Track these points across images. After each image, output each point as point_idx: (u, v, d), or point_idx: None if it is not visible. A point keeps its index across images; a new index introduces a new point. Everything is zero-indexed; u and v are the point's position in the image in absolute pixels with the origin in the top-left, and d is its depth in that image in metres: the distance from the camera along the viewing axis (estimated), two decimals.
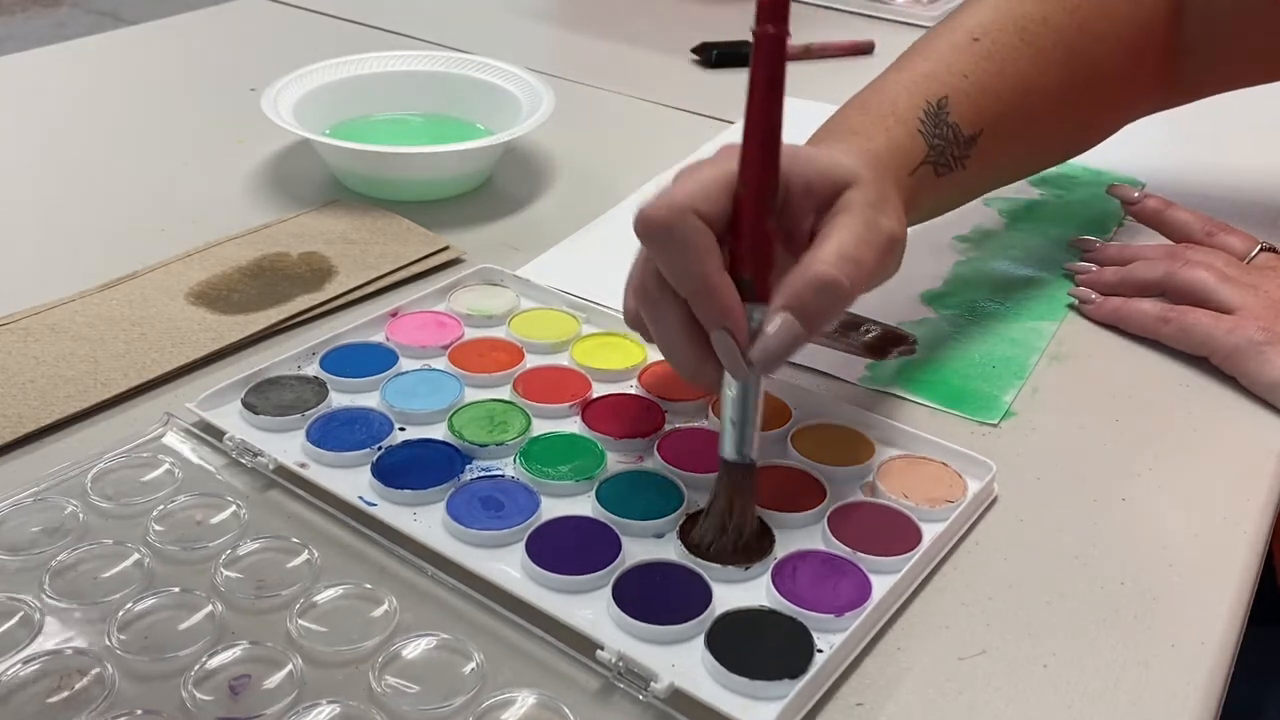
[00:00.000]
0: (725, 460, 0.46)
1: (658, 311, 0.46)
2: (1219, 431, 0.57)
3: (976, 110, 0.58)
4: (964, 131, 0.57)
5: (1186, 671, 0.43)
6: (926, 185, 0.56)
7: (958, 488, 0.50)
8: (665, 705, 0.40)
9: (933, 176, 0.56)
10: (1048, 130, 0.64)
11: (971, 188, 0.62)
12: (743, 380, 0.45)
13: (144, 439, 0.51)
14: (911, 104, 0.56)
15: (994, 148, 0.59)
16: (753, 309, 0.45)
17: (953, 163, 0.57)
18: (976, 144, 0.58)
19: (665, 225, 0.43)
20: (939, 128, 0.56)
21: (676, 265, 0.44)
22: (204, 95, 0.92)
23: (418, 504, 0.48)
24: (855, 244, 0.45)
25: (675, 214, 0.43)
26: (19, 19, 3.38)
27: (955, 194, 0.61)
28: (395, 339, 0.58)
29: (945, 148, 0.56)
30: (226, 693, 0.39)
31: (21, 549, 0.45)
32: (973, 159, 0.58)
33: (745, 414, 0.46)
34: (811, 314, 0.44)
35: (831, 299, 0.44)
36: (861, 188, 0.47)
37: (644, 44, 1.06)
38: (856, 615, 0.43)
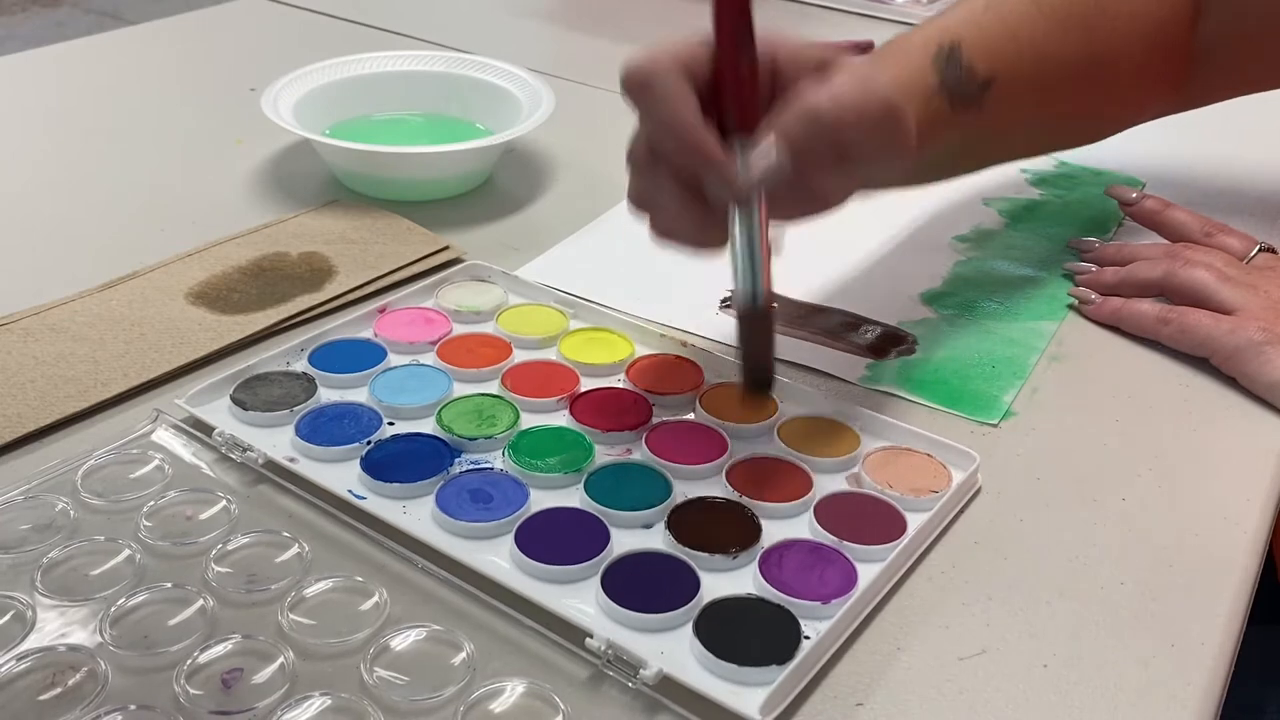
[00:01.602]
0: (739, 307, 0.49)
1: (655, 179, 0.48)
2: (1219, 431, 0.56)
3: (990, 57, 0.58)
4: (978, 73, 0.57)
5: (1186, 671, 0.43)
6: (943, 116, 0.56)
7: (942, 478, 0.50)
8: (654, 692, 0.40)
9: (948, 109, 0.56)
10: (1061, 101, 0.64)
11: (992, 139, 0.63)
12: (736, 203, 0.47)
13: (133, 436, 0.51)
14: (924, 46, 0.56)
15: (1009, 100, 0.59)
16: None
17: (968, 100, 0.57)
18: (991, 89, 0.58)
19: (645, 75, 0.46)
20: (951, 66, 0.56)
21: (657, 114, 0.46)
22: (204, 95, 0.92)
23: (407, 497, 0.48)
24: (839, 92, 0.47)
25: (653, 64, 0.46)
26: (19, 19, 3.39)
27: (976, 139, 0.61)
28: (383, 335, 0.58)
29: (958, 85, 0.56)
30: (219, 686, 0.39)
31: (12, 546, 0.45)
32: (989, 106, 0.58)
33: (750, 256, 0.47)
34: (794, 139, 0.46)
35: (813, 127, 0.46)
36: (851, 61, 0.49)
37: (644, 44, 1.06)
38: (843, 603, 0.43)
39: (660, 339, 0.59)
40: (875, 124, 0.48)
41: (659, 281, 0.67)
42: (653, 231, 0.51)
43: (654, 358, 0.58)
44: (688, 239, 0.49)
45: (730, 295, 0.56)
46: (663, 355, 0.58)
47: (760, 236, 0.47)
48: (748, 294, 0.48)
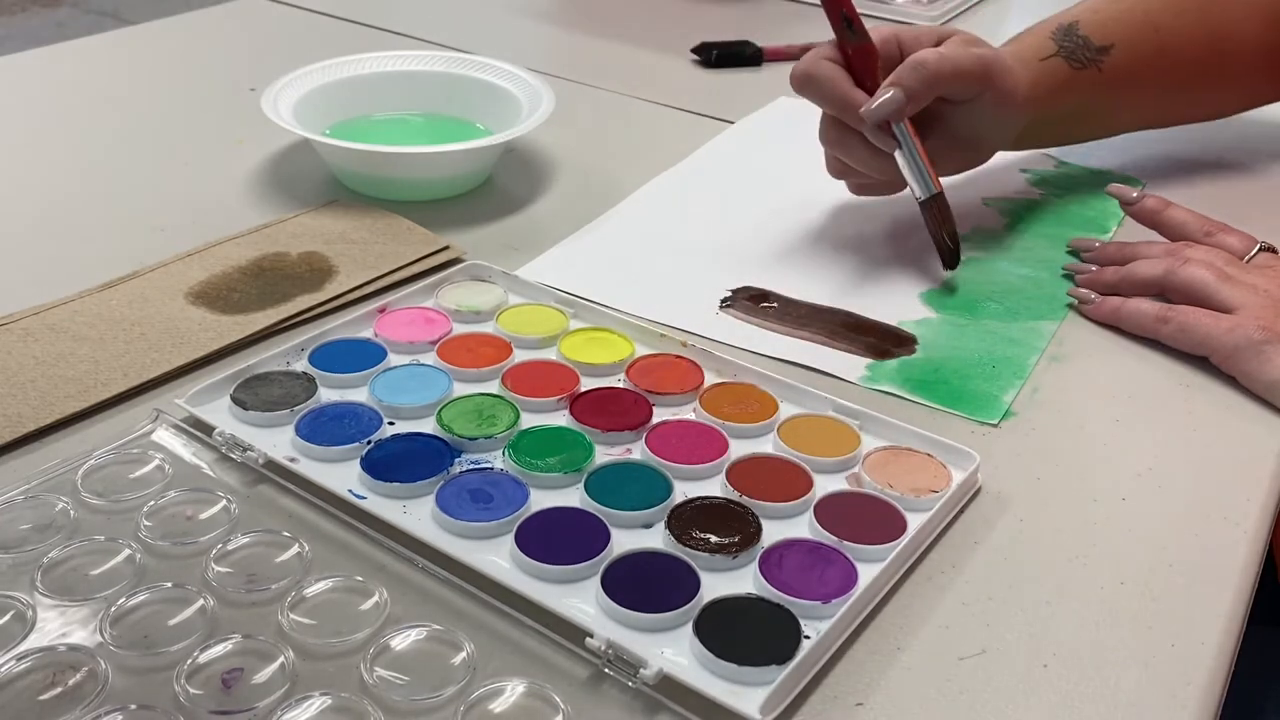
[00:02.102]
0: (920, 200, 0.67)
1: (842, 141, 0.67)
2: (1219, 431, 0.56)
3: (1106, 30, 0.72)
4: (1094, 42, 0.71)
5: (1186, 671, 0.43)
6: (1064, 76, 0.71)
7: (942, 478, 0.50)
8: (654, 691, 0.40)
9: (1068, 69, 0.71)
10: (1179, 73, 0.74)
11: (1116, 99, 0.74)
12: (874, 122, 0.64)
13: (133, 435, 0.51)
14: (1043, 27, 0.72)
15: (1129, 62, 0.72)
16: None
17: (1086, 62, 0.71)
18: (1110, 54, 0.71)
19: (806, 73, 0.66)
20: (1069, 38, 0.71)
21: (824, 95, 0.66)
22: (204, 95, 0.92)
23: (407, 497, 0.48)
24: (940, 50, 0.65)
25: (811, 62, 0.66)
26: (19, 19, 3.39)
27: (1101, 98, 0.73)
28: (383, 335, 0.59)
29: (1076, 50, 0.71)
30: (219, 686, 0.39)
31: (13, 546, 0.45)
32: (1108, 66, 0.72)
33: (914, 163, 0.66)
34: (904, 82, 0.64)
35: (915, 69, 0.64)
36: (961, 34, 0.68)
37: (644, 44, 1.06)
38: (843, 602, 0.43)
39: (660, 339, 0.59)
40: (970, 74, 0.65)
41: (659, 281, 0.67)
42: (853, 190, 0.72)
43: (654, 358, 0.58)
44: (877, 187, 0.70)
45: (732, 294, 0.65)
46: (663, 355, 0.58)
47: (916, 150, 0.65)
48: (923, 188, 0.66)
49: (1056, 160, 0.84)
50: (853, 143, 0.67)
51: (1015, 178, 0.81)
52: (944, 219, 0.67)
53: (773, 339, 0.62)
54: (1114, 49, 0.72)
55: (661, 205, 0.76)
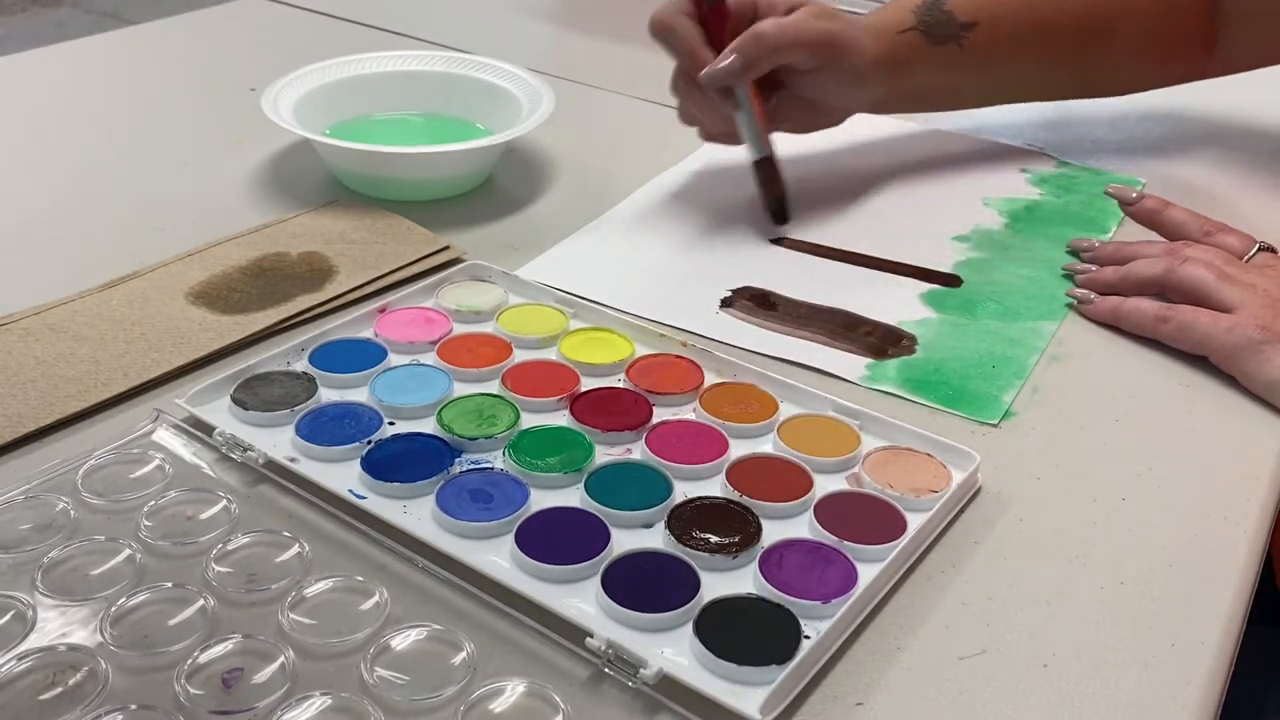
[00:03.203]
0: (753, 161, 0.71)
1: (688, 93, 0.71)
2: (1219, 431, 0.56)
3: (974, 5, 0.72)
4: (958, 18, 0.72)
5: (1186, 671, 0.43)
6: (919, 50, 0.72)
7: (942, 478, 0.50)
8: (654, 691, 0.40)
9: (926, 44, 0.72)
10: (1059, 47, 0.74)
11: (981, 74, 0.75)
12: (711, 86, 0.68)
13: (134, 435, 0.51)
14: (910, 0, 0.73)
15: (995, 40, 0.73)
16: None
17: (946, 38, 0.72)
18: (974, 30, 0.72)
19: (663, 22, 0.69)
20: (932, 12, 0.72)
21: (675, 49, 0.69)
22: (204, 95, 0.92)
23: (407, 497, 0.48)
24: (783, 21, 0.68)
25: (669, 14, 0.69)
26: (19, 19, 3.39)
27: (964, 73, 0.74)
28: (384, 335, 0.59)
29: (936, 25, 0.72)
30: (219, 686, 0.39)
31: (13, 546, 0.45)
32: (972, 42, 0.72)
33: (750, 125, 0.70)
34: (743, 50, 0.67)
35: (755, 41, 0.67)
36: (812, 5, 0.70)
37: (644, 44, 1.05)
38: (843, 602, 0.43)
39: (660, 339, 0.59)
40: (809, 43, 0.68)
41: (659, 281, 0.67)
42: (702, 138, 0.75)
43: (654, 358, 0.58)
44: (723, 137, 0.73)
45: (733, 293, 0.66)
46: (663, 355, 0.58)
47: (753, 113, 0.70)
48: (755, 149, 0.71)
49: (1056, 160, 0.84)
50: (698, 97, 0.71)
51: (1015, 178, 0.81)
52: (772, 179, 0.71)
53: (773, 339, 0.62)
54: (979, 25, 0.72)
55: (662, 205, 0.76)
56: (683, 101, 0.73)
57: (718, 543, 0.46)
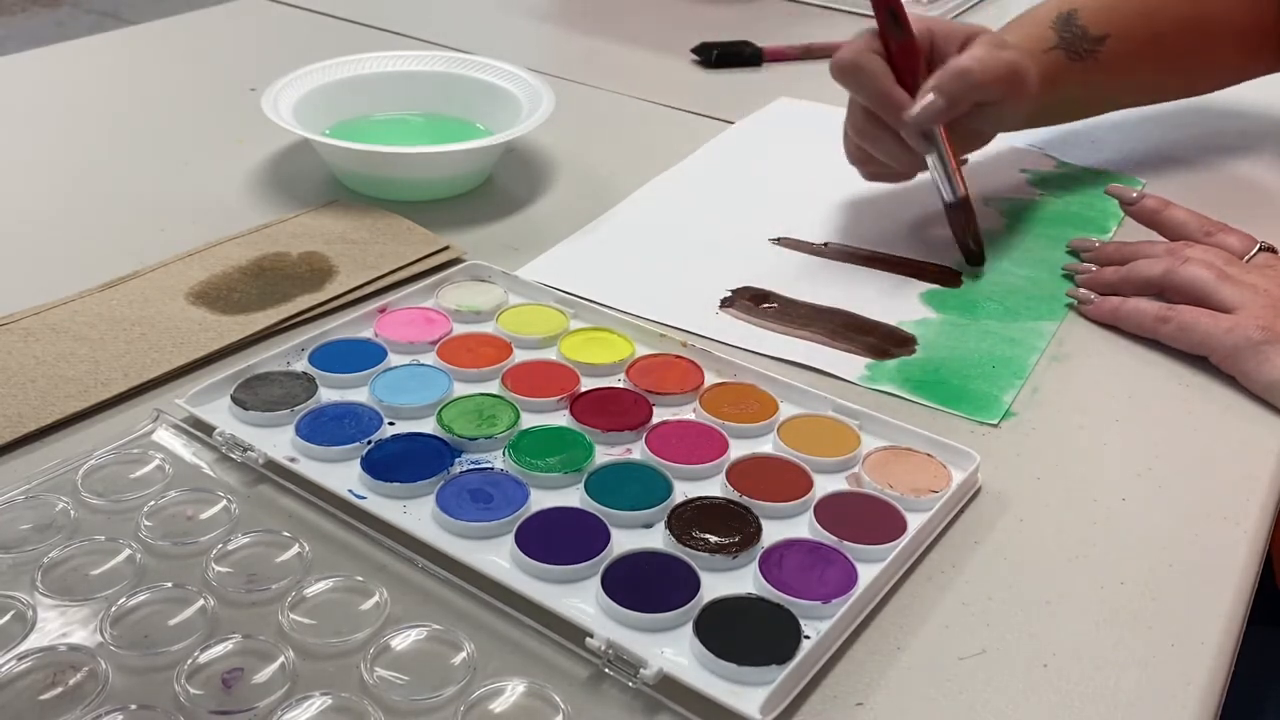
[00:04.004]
0: (947, 203, 0.69)
1: (873, 134, 0.68)
2: (1219, 431, 0.56)
3: (1102, 19, 0.74)
4: (1091, 32, 0.74)
5: (1186, 671, 0.43)
6: (1062, 67, 0.74)
7: (942, 478, 0.50)
8: (654, 691, 0.40)
9: (1066, 60, 0.74)
10: (1172, 51, 0.78)
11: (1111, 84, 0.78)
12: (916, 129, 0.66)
13: (134, 435, 0.51)
14: (1045, 14, 0.75)
15: (1123, 51, 0.75)
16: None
17: (1084, 53, 0.74)
18: (1105, 44, 0.74)
19: (852, 62, 0.66)
20: (1068, 28, 0.74)
21: (866, 89, 0.67)
22: (204, 95, 0.92)
23: (407, 497, 0.48)
24: (978, 55, 0.67)
25: (856, 53, 0.66)
26: (19, 19, 3.39)
27: (1097, 85, 0.76)
28: (384, 335, 0.59)
29: (1074, 41, 0.74)
30: (219, 686, 0.39)
31: (13, 546, 0.45)
32: (1104, 55, 0.74)
33: (943, 168, 0.68)
34: (947, 90, 0.65)
35: (959, 78, 0.66)
36: (987, 35, 0.69)
37: (644, 44, 1.06)
38: (843, 602, 0.43)
39: (660, 339, 0.59)
40: (1003, 78, 0.67)
41: (659, 281, 0.67)
42: (866, 177, 0.73)
43: (654, 358, 0.58)
44: (892, 176, 0.72)
45: (733, 293, 0.65)
46: (663, 355, 0.58)
47: (947, 155, 0.68)
48: (950, 192, 0.68)
49: (1056, 160, 0.84)
50: (883, 137, 0.68)
51: (1015, 178, 0.81)
52: (969, 220, 0.69)
53: (773, 339, 0.62)
54: (1110, 38, 0.74)
55: (661, 205, 0.76)
56: (861, 141, 0.69)
57: (718, 543, 0.46)
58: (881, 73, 0.66)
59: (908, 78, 0.66)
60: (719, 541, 0.46)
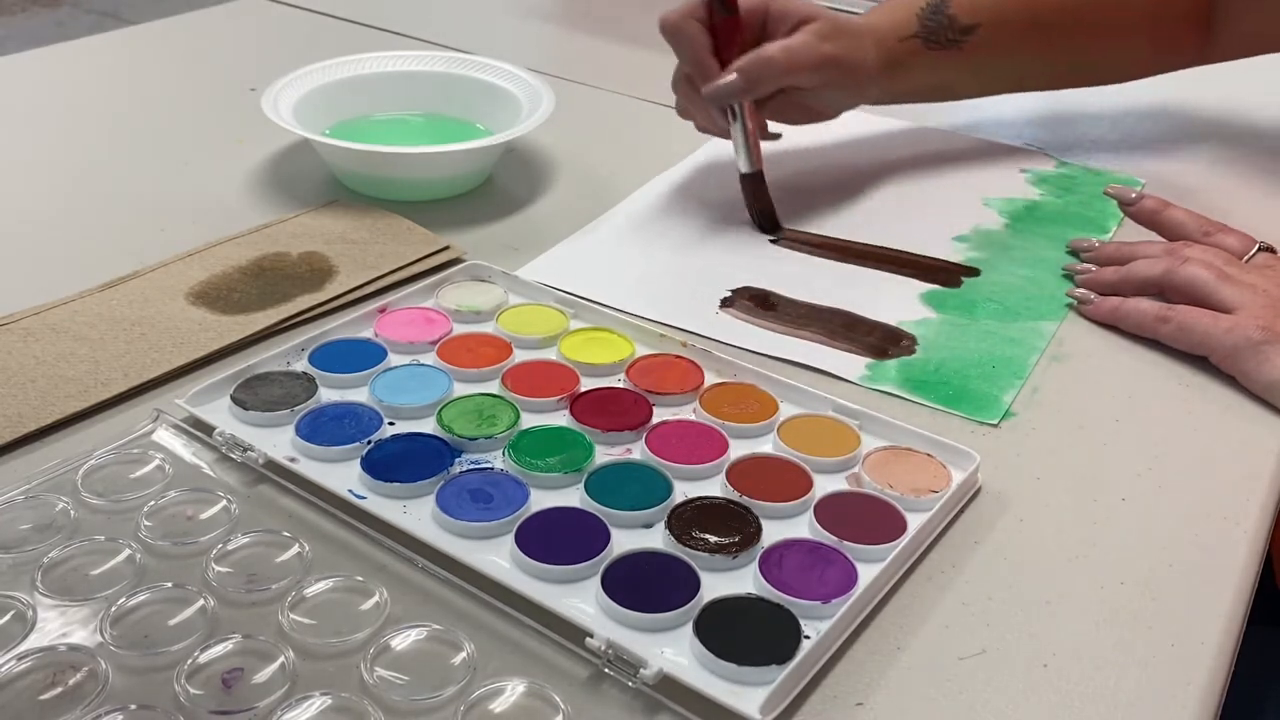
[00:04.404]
0: (741, 173, 0.72)
1: (689, 95, 0.72)
2: (1219, 431, 0.56)
3: (976, 7, 0.73)
4: (961, 21, 0.73)
5: (1186, 671, 0.43)
6: (916, 55, 0.73)
7: (942, 478, 0.50)
8: (654, 691, 0.40)
9: (923, 48, 0.73)
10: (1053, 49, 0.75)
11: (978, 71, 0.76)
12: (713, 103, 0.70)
13: (134, 435, 0.51)
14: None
15: (996, 40, 0.74)
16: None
17: (946, 43, 0.73)
18: (975, 33, 0.73)
19: (675, 25, 0.69)
20: (934, 16, 0.73)
21: (683, 54, 0.70)
22: (204, 95, 0.92)
23: (407, 497, 0.48)
24: (790, 45, 0.68)
25: (681, 17, 0.69)
26: (19, 19, 3.39)
27: (960, 73, 0.76)
28: (384, 335, 0.59)
29: (937, 30, 0.73)
30: (219, 686, 0.39)
31: (13, 546, 0.45)
32: (972, 45, 0.73)
33: (743, 140, 0.71)
34: (747, 73, 0.68)
35: (762, 65, 0.67)
36: (818, 23, 0.69)
37: (644, 44, 1.06)
38: (842, 602, 0.43)
39: (660, 339, 0.59)
40: (814, 67, 0.69)
41: (659, 281, 0.67)
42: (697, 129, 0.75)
43: (654, 358, 0.58)
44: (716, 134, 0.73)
45: (733, 293, 0.66)
46: (663, 355, 0.58)
47: (747, 129, 0.70)
48: (745, 164, 0.71)
49: (1057, 160, 0.84)
50: (697, 101, 0.72)
51: (1015, 178, 0.81)
52: (759, 194, 0.72)
53: (773, 339, 0.62)
54: (980, 28, 0.73)
55: (661, 205, 0.76)
56: (681, 99, 0.74)
57: (718, 543, 0.46)
58: (698, 40, 0.69)
59: (726, 52, 0.69)
60: (719, 541, 0.46)
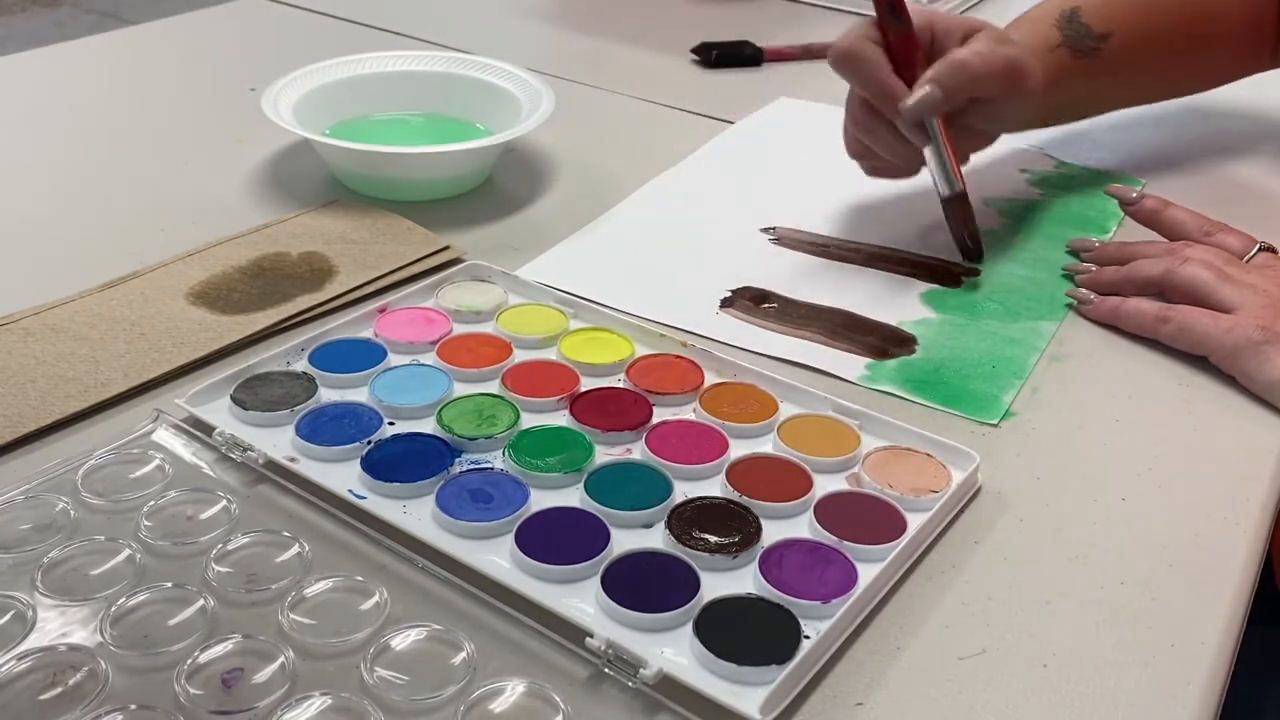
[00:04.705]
0: (943, 197, 0.69)
1: (871, 126, 0.68)
2: (1219, 431, 0.56)
3: (1105, 16, 0.74)
4: (1095, 30, 0.74)
5: (1186, 671, 0.43)
6: (1067, 65, 0.73)
7: (942, 478, 0.50)
8: (654, 691, 0.40)
9: (1071, 58, 0.73)
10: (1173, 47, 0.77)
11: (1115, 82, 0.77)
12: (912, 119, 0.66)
13: (134, 435, 0.51)
14: (1047, 12, 0.74)
15: (1126, 47, 0.75)
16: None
17: (1088, 51, 0.73)
18: (1109, 41, 0.74)
19: (849, 51, 0.66)
20: (1071, 26, 0.73)
21: (863, 78, 0.67)
22: (204, 95, 0.92)
23: (407, 497, 0.48)
24: (977, 49, 0.67)
25: (854, 42, 0.66)
26: (19, 19, 3.39)
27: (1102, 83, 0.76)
28: (384, 335, 0.59)
29: (1078, 39, 0.73)
30: (219, 686, 0.39)
31: (13, 546, 0.45)
32: (1107, 52, 0.74)
33: (941, 160, 0.67)
34: (944, 82, 0.65)
35: (957, 71, 0.65)
36: (990, 30, 0.69)
37: (644, 44, 1.06)
38: (842, 602, 0.43)
39: (660, 339, 0.59)
40: (1001, 72, 0.67)
41: (659, 281, 0.67)
42: (867, 171, 0.73)
43: (654, 358, 0.58)
44: (893, 170, 0.71)
45: (733, 293, 0.65)
46: (663, 355, 0.58)
47: (945, 147, 0.67)
48: (947, 185, 0.68)
49: (1056, 160, 0.84)
50: (881, 129, 0.68)
51: (1015, 178, 0.81)
52: (966, 216, 0.69)
53: (773, 339, 0.62)
54: (1113, 36, 0.74)
55: (661, 205, 0.76)
56: (860, 134, 0.70)
57: (718, 543, 0.46)
58: (879, 62, 0.66)
59: (905, 69, 0.66)
60: (719, 541, 0.46)
